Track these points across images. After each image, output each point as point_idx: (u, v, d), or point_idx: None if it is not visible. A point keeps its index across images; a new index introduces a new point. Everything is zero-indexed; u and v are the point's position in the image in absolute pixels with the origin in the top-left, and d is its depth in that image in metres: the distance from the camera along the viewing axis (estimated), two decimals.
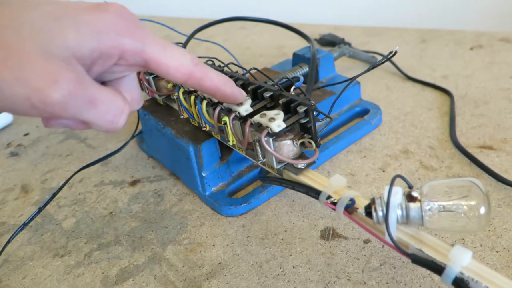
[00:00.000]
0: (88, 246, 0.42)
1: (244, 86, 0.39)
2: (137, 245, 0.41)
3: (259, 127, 0.35)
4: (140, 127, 0.54)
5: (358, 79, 0.44)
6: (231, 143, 0.39)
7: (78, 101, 0.23)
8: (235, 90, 0.33)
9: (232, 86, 0.32)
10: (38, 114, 0.23)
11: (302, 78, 0.41)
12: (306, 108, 0.34)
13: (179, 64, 0.28)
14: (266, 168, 0.37)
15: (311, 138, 0.35)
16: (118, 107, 0.25)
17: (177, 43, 0.49)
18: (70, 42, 0.23)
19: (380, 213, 0.28)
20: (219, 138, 0.42)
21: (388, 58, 0.38)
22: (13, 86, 0.21)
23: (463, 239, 0.36)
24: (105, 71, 0.27)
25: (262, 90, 0.37)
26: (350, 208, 0.30)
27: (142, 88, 0.50)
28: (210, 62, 0.43)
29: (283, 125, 0.33)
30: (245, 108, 0.36)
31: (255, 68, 0.40)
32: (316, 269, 0.36)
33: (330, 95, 0.50)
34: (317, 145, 0.35)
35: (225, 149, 0.44)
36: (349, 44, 0.72)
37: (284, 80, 0.50)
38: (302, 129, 0.36)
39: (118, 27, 0.25)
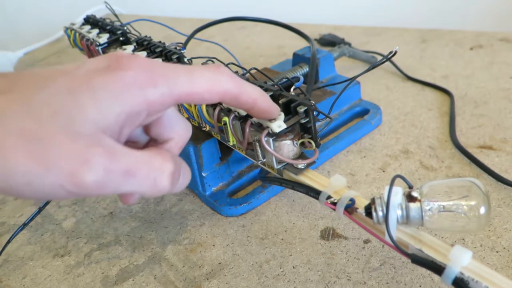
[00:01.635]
0: (88, 246, 0.42)
1: None
2: (137, 245, 0.41)
3: (259, 127, 0.35)
4: None
5: (358, 79, 0.44)
6: (231, 143, 0.39)
7: (114, 175, 0.21)
8: (271, 104, 0.30)
9: (268, 100, 0.30)
10: (76, 197, 0.22)
11: (302, 78, 0.41)
12: (306, 108, 0.34)
13: (211, 86, 0.25)
14: (266, 168, 0.37)
15: (311, 138, 0.35)
16: (157, 168, 0.23)
17: (177, 43, 0.49)
18: (91, 115, 0.21)
19: (380, 213, 0.28)
20: (219, 138, 0.42)
21: (388, 58, 0.38)
22: (43, 177, 0.20)
23: (463, 239, 0.36)
24: (138, 127, 0.25)
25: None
26: (350, 208, 0.30)
27: None
28: (210, 62, 0.43)
29: (284, 126, 0.33)
30: None
31: (255, 68, 0.40)
32: (316, 269, 0.36)
33: (330, 95, 0.50)
34: (317, 145, 0.35)
35: (225, 149, 0.44)
36: (349, 44, 0.72)
37: (284, 80, 0.50)
38: (302, 129, 0.36)
39: (138, 81, 0.23)
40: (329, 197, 0.32)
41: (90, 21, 0.65)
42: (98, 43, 0.58)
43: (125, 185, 0.22)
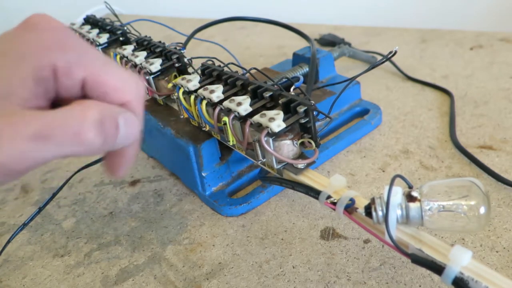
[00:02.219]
0: (88, 246, 0.42)
1: (244, 86, 0.39)
2: (137, 245, 0.41)
3: (259, 127, 0.34)
4: None
5: (358, 79, 0.44)
6: (231, 143, 0.39)
7: (28, 144, 0.19)
8: (132, 158, 0.27)
9: (136, 151, 0.27)
10: (10, 180, 0.20)
11: (302, 78, 0.41)
12: (306, 108, 0.34)
13: (121, 86, 0.23)
14: (266, 168, 0.37)
15: (311, 138, 0.35)
16: (76, 120, 0.20)
17: (177, 43, 0.49)
18: None
19: (380, 213, 0.28)
20: (219, 138, 0.42)
21: (388, 58, 0.38)
22: None
23: (463, 239, 0.36)
24: (51, 92, 0.23)
25: (262, 90, 0.37)
26: (350, 208, 0.30)
27: None
28: (210, 62, 0.43)
29: (283, 125, 0.33)
30: (245, 108, 0.36)
31: (255, 68, 0.40)
32: (316, 269, 0.36)
33: (330, 95, 0.50)
34: (317, 145, 0.35)
35: (225, 149, 0.44)
36: (349, 44, 0.72)
37: (284, 80, 0.50)
38: (302, 129, 0.36)
39: (46, 43, 0.21)
40: (329, 197, 0.32)
41: (90, 21, 0.65)
42: (98, 43, 0.58)
43: (44, 151, 0.19)
